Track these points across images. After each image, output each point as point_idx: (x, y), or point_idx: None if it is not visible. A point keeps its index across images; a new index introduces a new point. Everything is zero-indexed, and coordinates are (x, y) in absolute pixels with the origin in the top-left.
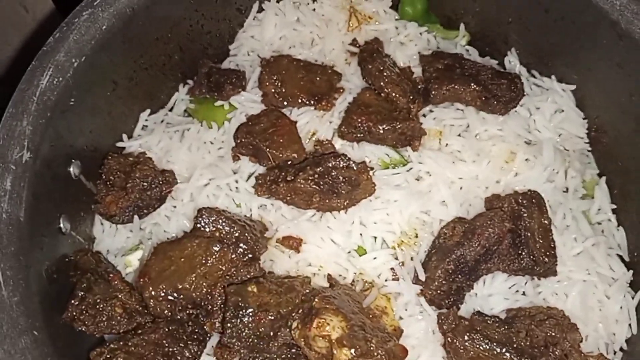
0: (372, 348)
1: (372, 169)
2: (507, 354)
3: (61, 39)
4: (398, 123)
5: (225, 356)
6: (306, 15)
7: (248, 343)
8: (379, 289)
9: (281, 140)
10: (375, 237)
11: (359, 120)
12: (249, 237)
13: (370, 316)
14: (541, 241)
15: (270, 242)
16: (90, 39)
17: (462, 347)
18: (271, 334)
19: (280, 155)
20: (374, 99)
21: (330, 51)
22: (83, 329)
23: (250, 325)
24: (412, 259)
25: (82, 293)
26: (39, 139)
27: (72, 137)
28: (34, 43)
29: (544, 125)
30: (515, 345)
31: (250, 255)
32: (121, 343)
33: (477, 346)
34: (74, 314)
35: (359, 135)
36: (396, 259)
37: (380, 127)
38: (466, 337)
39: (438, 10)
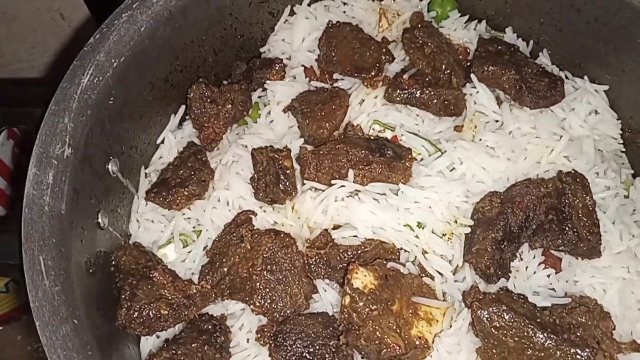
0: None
1: (416, 159)
2: (531, 326)
3: (101, 39)
4: (444, 90)
5: None
6: (337, 18)
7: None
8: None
9: (320, 114)
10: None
11: (407, 83)
12: None
13: (411, 311)
14: (585, 219)
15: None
16: (129, 40)
17: (486, 317)
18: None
19: (312, 127)
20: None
21: None
22: (137, 333)
23: None
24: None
25: (128, 303)
26: (80, 136)
27: (111, 135)
28: (70, 48)
29: (580, 125)
30: (539, 321)
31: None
32: (172, 352)
33: (501, 316)
34: (124, 322)
35: (404, 96)
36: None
37: (426, 91)
38: (491, 309)
39: (469, 11)
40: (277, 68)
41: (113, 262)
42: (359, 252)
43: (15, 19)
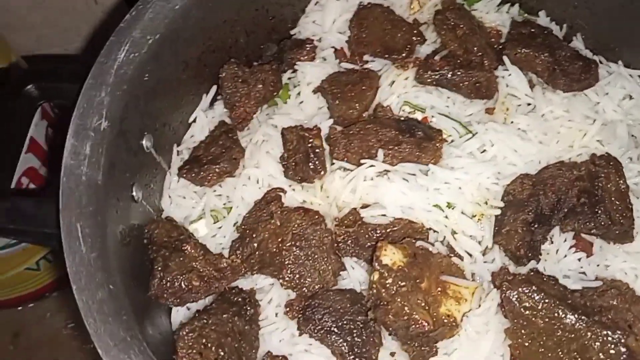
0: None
1: (446, 140)
2: (561, 307)
3: (137, 16)
4: (476, 72)
5: None
6: None
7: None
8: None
9: (350, 95)
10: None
11: (438, 64)
12: None
13: (440, 290)
14: (618, 202)
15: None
16: (164, 18)
17: (515, 298)
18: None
19: (341, 108)
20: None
21: None
22: (169, 303)
23: None
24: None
25: (161, 273)
26: (116, 110)
27: (145, 111)
28: (103, 32)
29: (613, 109)
30: (569, 302)
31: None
32: (204, 321)
33: (531, 297)
34: (157, 292)
35: (435, 78)
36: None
37: (457, 73)
38: (520, 289)
39: None
40: (307, 49)
41: (146, 235)
42: (388, 231)
43: (50, 5)
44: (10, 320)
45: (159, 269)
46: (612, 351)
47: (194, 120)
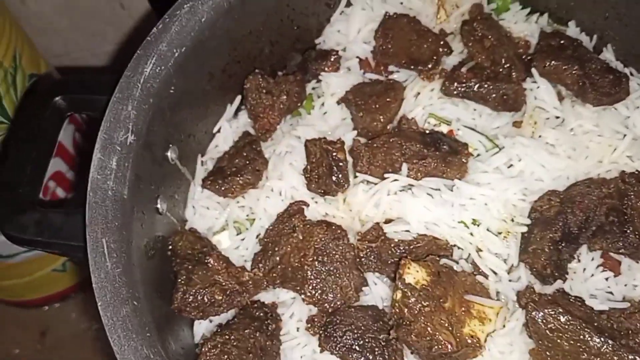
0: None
1: (472, 155)
2: (587, 330)
3: (164, 29)
4: (503, 84)
5: None
6: (394, 9)
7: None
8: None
9: (374, 107)
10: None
11: (465, 76)
12: None
13: (463, 309)
14: None
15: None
16: (190, 31)
17: (541, 319)
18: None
19: (365, 119)
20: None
21: None
22: (191, 317)
23: None
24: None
25: (184, 287)
26: (142, 123)
27: (171, 123)
28: (129, 37)
29: None
30: (596, 325)
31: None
32: (226, 337)
33: (557, 318)
34: (180, 305)
35: (462, 90)
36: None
37: (485, 85)
38: (546, 310)
39: (531, 3)
40: (332, 60)
41: (170, 247)
42: (411, 247)
43: (77, 8)
44: (37, 319)
45: (182, 282)
46: None
47: (219, 130)
